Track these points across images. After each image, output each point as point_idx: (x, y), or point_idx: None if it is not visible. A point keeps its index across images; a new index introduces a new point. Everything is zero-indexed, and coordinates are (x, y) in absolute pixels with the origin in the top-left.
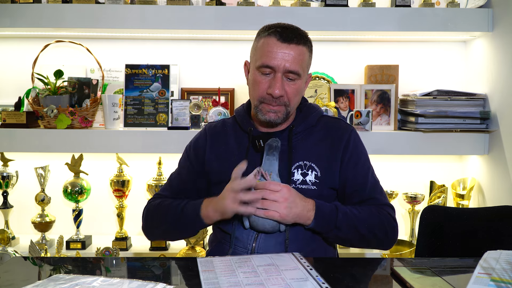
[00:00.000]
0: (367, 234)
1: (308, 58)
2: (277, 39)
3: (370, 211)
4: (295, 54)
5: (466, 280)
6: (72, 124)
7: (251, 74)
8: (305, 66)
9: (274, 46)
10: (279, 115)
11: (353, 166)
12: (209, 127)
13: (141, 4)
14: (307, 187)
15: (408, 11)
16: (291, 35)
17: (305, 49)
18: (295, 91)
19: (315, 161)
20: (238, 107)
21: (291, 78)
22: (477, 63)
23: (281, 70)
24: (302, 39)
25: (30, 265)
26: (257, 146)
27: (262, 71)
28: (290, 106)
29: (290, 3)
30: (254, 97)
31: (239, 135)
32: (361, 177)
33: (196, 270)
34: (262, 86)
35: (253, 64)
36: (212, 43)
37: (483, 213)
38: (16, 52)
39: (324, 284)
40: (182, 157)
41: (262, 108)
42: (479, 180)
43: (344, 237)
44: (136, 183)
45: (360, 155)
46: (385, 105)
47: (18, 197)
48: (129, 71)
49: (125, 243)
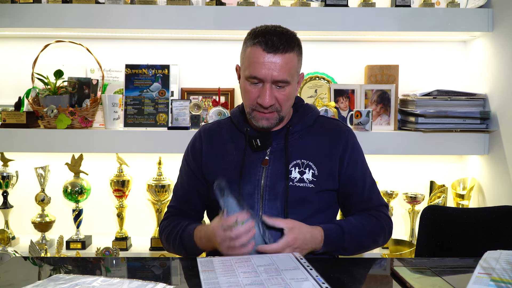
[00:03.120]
0: (371, 245)
1: (296, 62)
2: (262, 49)
3: (371, 220)
4: (282, 63)
5: (466, 280)
6: (72, 124)
7: (242, 82)
8: (294, 71)
9: (260, 57)
10: (272, 122)
11: (353, 167)
12: (204, 129)
13: (141, 4)
14: (305, 185)
15: (408, 11)
16: (277, 43)
17: (293, 54)
18: (285, 97)
19: (312, 160)
20: (234, 109)
21: (280, 86)
22: (477, 63)
23: (269, 80)
24: (289, 45)
25: (30, 265)
26: (254, 145)
27: (251, 81)
28: (283, 111)
29: (290, 3)
30: (246, 105)
31: (236, 135)
32: (360, 178)
33: (196, 270)
34: (252, 95)
35: (242, 72)
36: (212, 43)
37: (483, 213)
38: (16, 52)
39: (324, 284)
40: (181, 165)
41: (255, 115)
42: (479, 180)
43: (350, 253)
44: (136, 183)
45: (358, 156)
46: (385, 105)
47: (18, 197)
48: (129, 71)
49: (125, 243)
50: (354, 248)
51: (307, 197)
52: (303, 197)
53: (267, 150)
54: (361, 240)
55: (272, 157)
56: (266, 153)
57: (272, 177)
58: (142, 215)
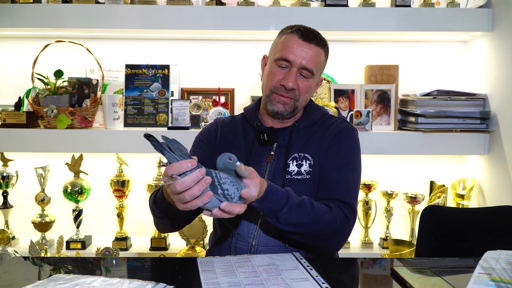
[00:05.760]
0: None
1: (323, 60)
2: (298, 36)
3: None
4: (312, 54)
5: (466, 280)
6: (72, 124)
7: (268, 66)
8: (319, 67)
9: (294, 43)
10: (287, 108)
11: (330, 155)
12: (219, 120)
13: (141, 4)
14: (302, 177)
15: (408, 11)
16: (312, 35)
17: (322, 51)
18: (306, 87)
19: (309, 152)
20: (247, 105)
21: (305, 75)
22: (477, 63)
23: (297, 65)
24: (322, 42)
25: (30, 265)
26: (261, 139)
27: (279, 63)
28: (299, 102)
29: (290, 3)
30: (267, 87)
31: (247, 129)
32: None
33: (196, 270)
34: (276, 77)
35: (271, 57)
36: (212, 43)
37: (483, 213)
38: (16, 52)
39: (324, 284)
40: (192, 146)
41: (273, 98)
42: (479, 180)
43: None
44: (136, 183)
45: (342, 149)
46: (385, 105)
47: (18, 197)
48: (129, 71)
49: (125, 243)
50: (290, 222)
51: (304, 189)
52: (300, 190)
53: (273, 146)
54: (300, 217)
55: (278, 152)
56: (272, 149)
57: (273, 172)
58: (142, 215)
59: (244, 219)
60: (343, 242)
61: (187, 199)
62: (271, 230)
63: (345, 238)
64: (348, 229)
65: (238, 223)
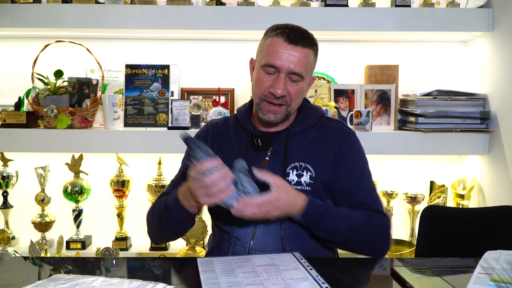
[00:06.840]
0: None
1: (312, 61)
2: (284, 39)
3: (362, 215)
4: (300, 56)
5: (466, 280)
6: (72, 124)
7: (255, 72)
8: (309, 68)
9: (280, 46)
10: (278, 116)
11: (343, 168)
12: (211, 123)
13: (141, 4)
14: (301, 187)
15: (408, 11)
16: (298, 37)
17: (311, 52)
18: (297, 91)
19: (310, 162)
20: (240, 106)
21: (294, 80)
22: (477, 63)
23: (285, 70)
24: (309, 42)
25: (30, 265)
26: (255, 145)
27: (267, 70)
28: (291, 106)
29: (290, 3)
30: (256, 95)
31: (240, 132)
32: (353, 181)
33: (196, 270)
34: (264, 84)
35: (258, 62)
36: (212, 43)
37: (483, 213)
38: (16, 52)
39: (324, 284)
40: (183, 157)
41: (263, 107)
42: (479, 180)
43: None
44: (136, 183)
45: (354, 158)
46: (385, 105)
47: (18, 197)
48: (129, 71)
49: (125, 243)
50: (332, 233)
51: None
52: None
53: (268, 151)
54: (340, 228)
55: (272, 157)
56: (267, 154)
57: None
58: (142, 215)
59: (241, 223)
60: (386, 250)
61: (214, 192)
62: (268, 234)
63: (385, 244)
64: (388, 238)
65: (235, 227)
